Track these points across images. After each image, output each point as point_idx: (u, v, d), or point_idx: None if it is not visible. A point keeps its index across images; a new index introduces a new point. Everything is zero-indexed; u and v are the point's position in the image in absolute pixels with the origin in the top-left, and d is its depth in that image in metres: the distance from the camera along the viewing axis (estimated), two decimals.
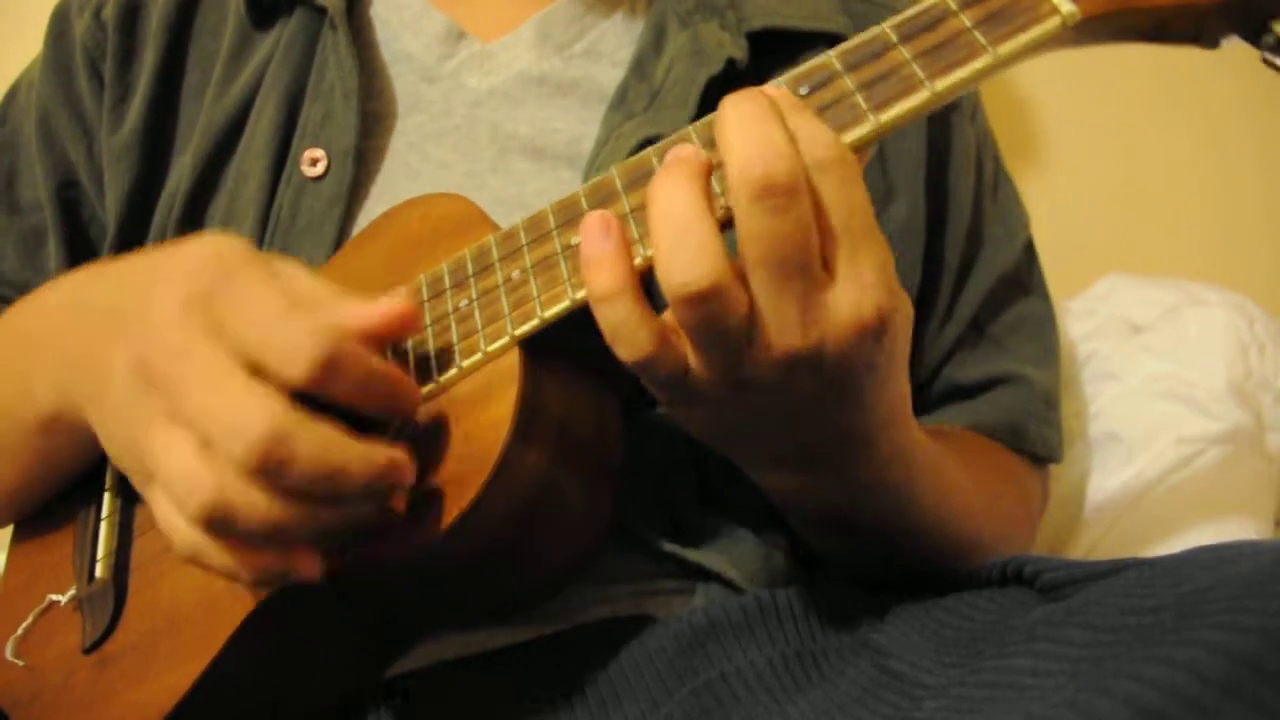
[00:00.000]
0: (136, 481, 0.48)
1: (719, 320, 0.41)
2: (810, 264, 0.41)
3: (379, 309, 0.46)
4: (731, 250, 0.42)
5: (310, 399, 0.44)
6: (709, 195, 0.43)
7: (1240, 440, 0.86)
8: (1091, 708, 0.32)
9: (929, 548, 0.57)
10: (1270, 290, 1.19)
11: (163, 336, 0.45)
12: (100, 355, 0.49)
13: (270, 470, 0.42)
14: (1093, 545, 0.85)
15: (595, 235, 0.43)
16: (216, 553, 0.44)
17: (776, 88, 0.45)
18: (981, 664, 0.42)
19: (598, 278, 0.43)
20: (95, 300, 0.53)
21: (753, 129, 0.41)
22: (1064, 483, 0.88)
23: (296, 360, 0.43)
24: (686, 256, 0.41)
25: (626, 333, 0.43)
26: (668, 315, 0.44)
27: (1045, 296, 0.77)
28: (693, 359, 0.43)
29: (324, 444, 0.43)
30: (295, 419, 0.42)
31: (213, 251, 0.47)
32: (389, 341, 0.48)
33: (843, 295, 0.42)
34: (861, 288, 0.42)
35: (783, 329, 0.42)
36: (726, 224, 0.44)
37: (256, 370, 0.44)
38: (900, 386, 0.49)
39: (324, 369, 0.43)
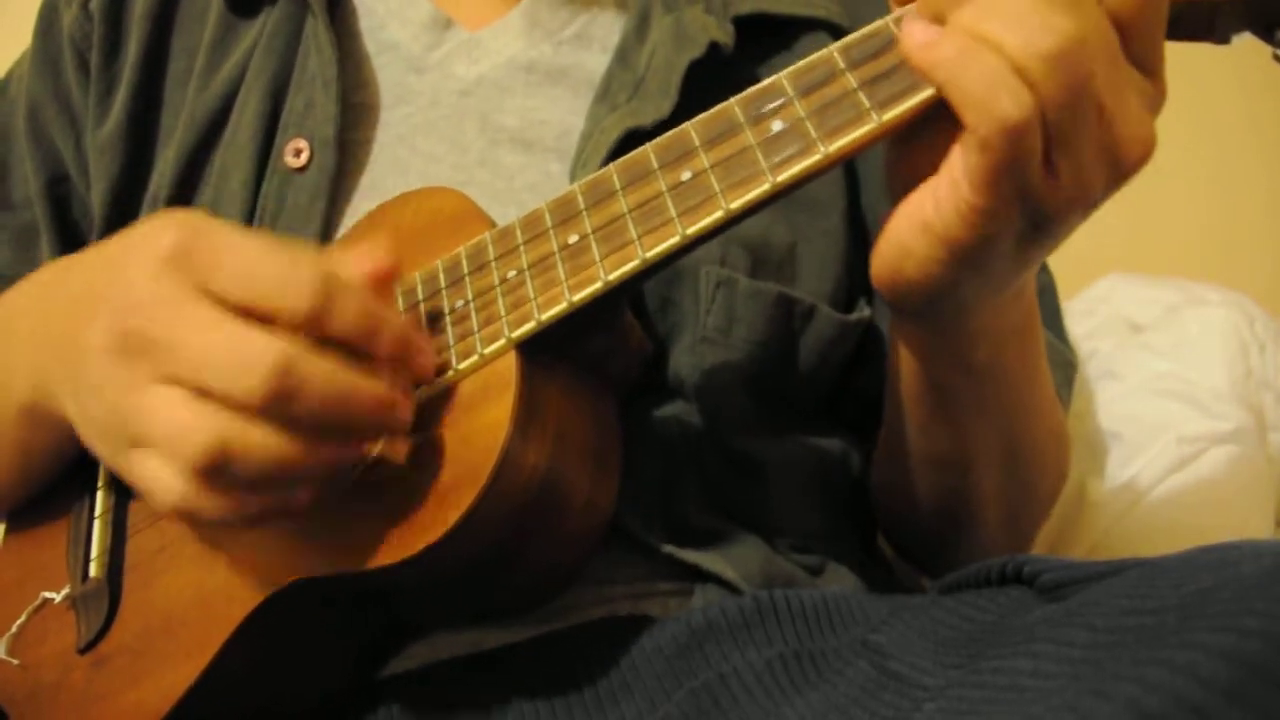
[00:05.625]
0: (115, 453, 0.47)
1: (1082, 86, 0.41)
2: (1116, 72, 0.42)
3: (359, 256, 0.46)
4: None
5: None
6: None
7: (1241, 440, 0.86)
8: (1093, 712, 0.31)
9: (1026, 437, 0.59)
10: (1270, 290, 1.19)
11: (142, 301, 0.45)
12: (73, 336, 0.48)
13: (281, 401, 0.42)
14: (1094, 545, 0.85)
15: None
16: (209, 502, 0.44)
17: None
18: (981, 665, 0.41)
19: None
20: (67, 285, 0.53)
21: None
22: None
23: (299, 292, 0.43)
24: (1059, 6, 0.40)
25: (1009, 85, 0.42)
26: None
27: (1061, 333, 0.73)
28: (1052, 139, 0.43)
29: (331, 370, 0.43)
30: (301, 347, 0.43)
31: (177, 219, 0.47)
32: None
33: (1141, 127, 0.43)
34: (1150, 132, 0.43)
35: (1129, 121, 0.42)
36: None
37: (251, 313, 0.43)
38: None
39: (325, 299, 0.43)
